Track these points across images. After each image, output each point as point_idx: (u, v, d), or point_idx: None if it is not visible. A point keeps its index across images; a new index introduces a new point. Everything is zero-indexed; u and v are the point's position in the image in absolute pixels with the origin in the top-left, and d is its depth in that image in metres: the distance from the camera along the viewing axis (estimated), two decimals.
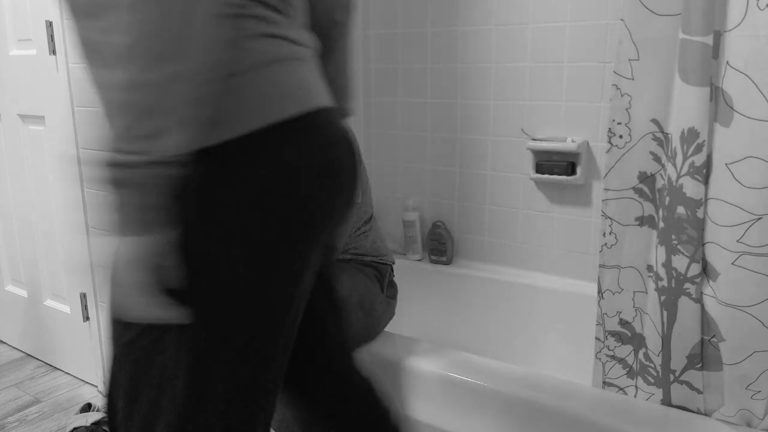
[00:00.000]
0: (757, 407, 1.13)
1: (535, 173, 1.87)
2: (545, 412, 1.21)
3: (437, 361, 1.37)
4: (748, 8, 1.00)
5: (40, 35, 1.73)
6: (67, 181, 1.81)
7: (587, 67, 1.76)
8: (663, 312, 1.19)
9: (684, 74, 1.09)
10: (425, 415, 1.37)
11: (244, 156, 0.71)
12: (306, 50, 0.80)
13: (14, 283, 2.16)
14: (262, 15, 0.73)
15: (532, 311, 1.93)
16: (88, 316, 1.88)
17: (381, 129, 2.21)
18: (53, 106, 1.78)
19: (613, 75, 1.19)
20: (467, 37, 1.95)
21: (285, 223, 0.74)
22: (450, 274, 2.08)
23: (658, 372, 1.22)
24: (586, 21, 1.74)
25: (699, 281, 1.13)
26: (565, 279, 1.92)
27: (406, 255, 2.19)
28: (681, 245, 1.13)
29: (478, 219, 2.06)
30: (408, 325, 2.13)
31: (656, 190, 1.20)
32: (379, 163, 2.24)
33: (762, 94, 1.00)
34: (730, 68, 1.04)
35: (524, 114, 1.90)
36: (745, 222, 1.04)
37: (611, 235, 1.25)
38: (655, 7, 1.12)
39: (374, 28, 2.14)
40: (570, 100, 1.81)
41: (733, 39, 1.03)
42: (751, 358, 1.09)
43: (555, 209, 1.90)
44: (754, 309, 1.06)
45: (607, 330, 1.30)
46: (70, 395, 1.91)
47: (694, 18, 1.05)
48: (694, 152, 1.09)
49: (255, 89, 0.72)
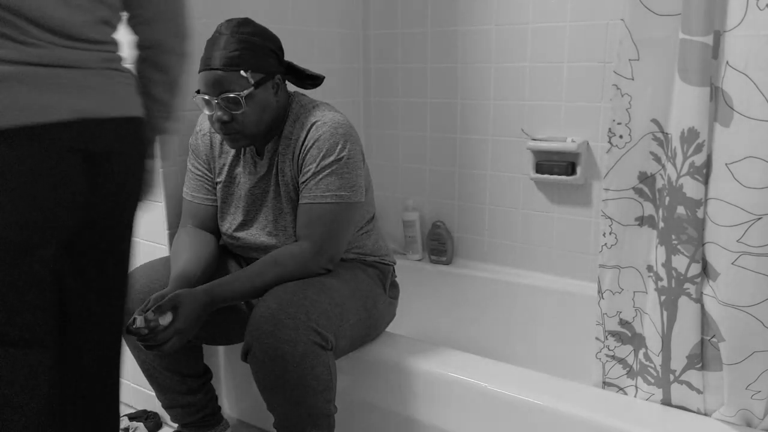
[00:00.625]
0: (757, 407, 1.13)
1: (535, 173, 1.87)
2: (545, 412, 1.21)
3: (437, 361, 1.37)
4: (748, 8, 1.00)
5: None
6: None
7: (587, 67, 1.76)
8: (663, 312, 1.19)
9: (684, 74, 1.09)
10: (425, 415, 1.37)
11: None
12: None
13: None
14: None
15: (532, 311, 1.93)
16: None
17: (381, 129, 2.21)
18: None
19: (613, 75, 1.19)
20: (467, 37, 1.95)
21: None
22: (450, 274, 2.08)
23: (658, 372, 1.22)
24: (586, 21, 1.74)
25: (699, 281, 1.13)
26: (565, 279, 1.92)
27: (406, 255, 2.19)
28: (681, 245, 1.13)
29: (478, 219, 2.06)
30: (408, 325, 2.13)
31: (656, 190, 1.20)
32: (379, 163, 2.24)
33: (762, 94, 1.00)
34: (730, 68, 1.04)
35: (524, 114, 1.90)
36: (745, 222, 1.04)
37: (611, 235, 1.25)
38: (655, 7, 1.12)
39: (374, 28, 2.14)
40: (570, 100, 1.81)
41: (733, 39, 1.03)
42: (751, 358, 1.09)
43: (555, 209, 1.90)
44: (754, 309, 1.06)
45: (607, 330, 1.30)
46: None
47: (694, 18, 1.05)
48: (694, 152, 1.09)
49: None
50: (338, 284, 1.30)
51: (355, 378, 1.46)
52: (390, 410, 1.42)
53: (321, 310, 1.21)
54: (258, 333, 1.17)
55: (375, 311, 1.40)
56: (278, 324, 1.16)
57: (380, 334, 1.49)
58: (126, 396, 1.84)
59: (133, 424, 1.66)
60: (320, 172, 1.29)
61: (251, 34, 1.28)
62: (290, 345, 1.15)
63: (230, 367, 1.65)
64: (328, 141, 1.28)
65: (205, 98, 1.27)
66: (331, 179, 1.29)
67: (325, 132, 1.29)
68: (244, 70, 1.24)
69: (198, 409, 1.48)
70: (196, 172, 1.46)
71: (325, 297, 1.24)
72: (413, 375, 1.37)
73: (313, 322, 1.18)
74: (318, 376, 1.19)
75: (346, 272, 1.36)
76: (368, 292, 1.38)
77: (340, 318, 1.25)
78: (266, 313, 1.18)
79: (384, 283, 1.46)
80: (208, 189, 1.46)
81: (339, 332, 1.25)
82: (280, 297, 1.20)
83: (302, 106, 1.35)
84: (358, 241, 1.43)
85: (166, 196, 1.56)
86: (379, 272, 1.46)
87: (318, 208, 1.29)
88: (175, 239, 1.44)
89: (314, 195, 1.29)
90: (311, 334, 1.17)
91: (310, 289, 1.23)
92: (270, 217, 1.38)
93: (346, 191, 1.30)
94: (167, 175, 1.55)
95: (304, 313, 1.18)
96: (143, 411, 1.74)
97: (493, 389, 1.27)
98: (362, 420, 1.47)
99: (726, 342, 1.10)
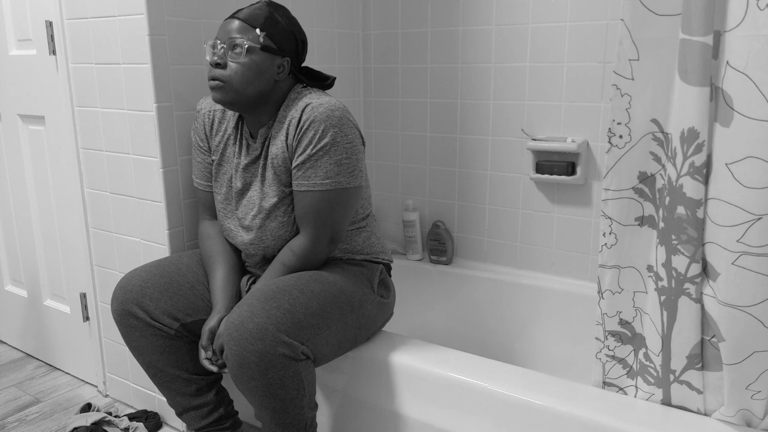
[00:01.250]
0: (757, 407, 1.13)
1: (535, 173, 1.87)
2: (545, 412, 1.21)
3: (437, 360, 1.37)
4: (748, 8, 1.00)
5: (40, 35, 1.73)
6: (67, 180, 1.81)
7: (587, 67, 1.76)
8: (663, 312, 1.19)
9: (684, 74, 1.09)
10: (425, 415, 1.37)
11: None
12: None
13: (14, 283, 2.16)
14: None
15: (532, 311, 1.93)
16: (87, 316, 1.88)
17: (381, 129, 2.21)
18: (53, 106, 1.78)
19: (613, 75, 1.19)
20: (467, 37, 1.95)
21: None
22: (450, 274, 2.08)
23: (658, 372, 1.22)
24: (586, 21, 1.74)
25: (699, 281, 1.13)
26: (565, 279, 1.92)
27: (406, 255, 2.19)
28: (681, 245, 1.13)
29: (478, 219, 2.06)
30: (407, 324, 2.13)
31: (656, 190, 1.20)
32: (379, 163, 2.24)
33: (762, 94, 1.00)
34: (730, 68, 1.04)
35: (524, 114, 1.90)
36: (745, 222, 1.04)
37: (611, 235, 1.25)
38: (655, 7, 1.12)
39: (374, 28, 2.14)
40: (570, 100, 1.81)
41: (733, 39, 1.03)
42: (751, 358, 1.09)
43: (555, 209, 1.90)
44: (754, 309, 1.06)
45: (607, 330, 1.30)
46: (70, 395, 1.91)
47: (694, 18, 1.05)
48: (694, 152, 1.09)
49: None
50: (320, 289, 1.28)
51: (352, 377, 1.46)
52: (388, 409, 1.42)
53: (294, 320, 1.20)
54: (227, 337, 1.18)
55: (363, 312, 1.38)
56: (245, 333, 1.16)
57: (375, 333, 1.49)
58: (126, 396, 1.84)
59: (133, 424, 1.66)
60: (315, 155, 1.28)
61: (284, 16, 1.34)
62: (256, 356, 1.15)
63: None
64: (324, 122, 1.27)
65: (212, 42, 1.31)
66: (328, 165, 1.28)
67: (320, 114, 1.28)
68: (260, 29, 1.29)
69: (211, 411, 1.45)
70: (197, 157, 1.49)
71: (300, 306, 1.22)
72: (412, 375, 1.37)
73: (283, 332, 1.17)
74: (286, 386, 1.19)
75: (330, 275, 1.34)
76: (353, 293, 1.36)
77: (317, 327, 1.24)
78: (236, 321, 1.17)
79: (371, 282, 1.44)
80: (210, 175, 1.48)
81: (316, 340, 1.24)
82: (252, 304, 1.20)
83: (299, 93, 1.36)
84: (348, 239, 1.43)
85: (166, 196, 1.56)
86: (366, 270, 1.44)
87: (312, 196, 1.30)
88: (203, 240, 1.48)
89: (311, 183, 1.29)
90: (279, 346, 1.16)
91: (285, 297, 1.22)
92: (255, 200, 1.39)
93: (344, 176, 1.29)
94: (167, 175, 1.56)
95: (273, 324, 1.17)
96: (143, 411, 1.74)
97: (492, 389, 1.27)
98: (359, 419, 1.47)
99: (726, 342, 1.10)
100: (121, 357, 1.81)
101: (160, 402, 1.74)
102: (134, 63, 1.52)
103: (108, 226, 1.72)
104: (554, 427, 1.20)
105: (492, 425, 1.28)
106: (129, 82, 1.54)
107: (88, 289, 1.83)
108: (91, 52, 1.61)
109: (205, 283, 1.44)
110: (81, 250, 1.82)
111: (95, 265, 1.80)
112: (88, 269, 1.81)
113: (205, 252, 1.47)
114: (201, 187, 1.50)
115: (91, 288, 1.82)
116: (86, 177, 1.74)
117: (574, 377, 1.77)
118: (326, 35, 2.03)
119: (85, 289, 1.85)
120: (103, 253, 1.76)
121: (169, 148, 1.55)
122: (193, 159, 1.51)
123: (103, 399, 1.89)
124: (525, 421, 1.23)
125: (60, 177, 1.84)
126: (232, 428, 1.48)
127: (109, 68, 1.58)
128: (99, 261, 1.78)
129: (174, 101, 1.54)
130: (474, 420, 1.30)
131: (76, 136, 1.72)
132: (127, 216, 1.66)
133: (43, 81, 1.78)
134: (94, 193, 1.74)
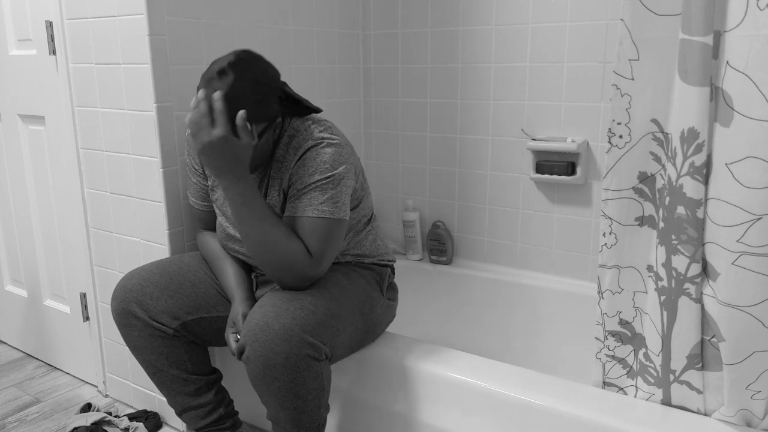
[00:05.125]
0: (757, 407, 1.13)
1: (535, 173, 1.87)
2: (545, 412, 1.21)
3: (437, 361, 1.37)
4: (748, 8, 1.00)
5: (40, 35, 1.73)
6: (67, 180, 1.81)
7: (587, 67, 1.76)
8: (663, 312, 1.19)
9: (684, 74, 1.09)
10: (425, 415, 1.37)
11: None
12: None
13: (14, 283, 2.16)
14: None
15: (532, 311, 1.93)
16: (88, 316, 1.88)
17: (381, 129, 2.21)
18: (53, 106, 1.78)
19: (613, 75, 1.19)
20: (467, 37, 1.95)
21: None
22: (450, 274, 2.08)
23: (658, 372, 1.22)
24: (586, 21, 1.74)
25: (699, 281, 1.13)
26: (565, 279, 1.92)
27: (406, 255, 2.19)
28: (681, 245, 1.13)
29: (478, 219, 2.06)
30: (408, 325, 2.13)
31: (656, 190, 1.20)
32: (379, 163, 2.24)
33: (762, 94, 1.00)
34: (730, 68, 1.04)
35: (524, 114, 1.90)
36: (745, 222, 1.04)
37: (611, 235, 1.25)
38: (655, 7, 1.12)
39: (374, 28, 2.14)
40: (570, 100, 1.81)
41: (733, 39, 1.03)
42: (751, 358, 1.09)
43: (555, 209, 1.90)
44: (754, 309, 1.06)
45: (607, 330, 1.30)
46: (70, 395, 1.90)
47: (694, 18, 1.05)
48: (694, 152, 1.09)
49: None
50: (337, 291, 1.29)
51: (355, 378, 1.46)
52: (390, 410, 1.42)
53: (317, 321, 1.20)
54: (251, 339, 1.17)
55: (372, 315, 1.39)
56: (271, 333, 1.15)
57: (379, 335, 1.49)
58: (126, 396, 1.84)
59: (133, 424, 1.66)
60: (306, 188, 1.27)
61: (253, 81, 1.21)
62: (282, 357, 1.15)
63: (230, 367, 1.65)
64: (322, 163, 1.26)
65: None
66: (315, 194, 1.26)
67: (317, 155, 1.27)
68: (248, 123, 1.21)
69: (210, 410, 1.45)
70: (192, 178, 1.48)
71: (321, 307, 1.22)
72: (413, 375, 1.37)
73: (308, 333, 1.17)
74: (309, 386, 1.19)
75: (343, 278, 1.35)
76: (365, 297, 1.37)
77: (336, 328, 1.25)
78: (261, 321, 1.17)
79: (381, 285, 1.45)
80: (205, 195, 1.48)
81: (335, 342, 1.25)
82: (276, 305, 1.19)
83: (295, 129, 1.33)
84: (356, 244, 1.43)
85: (166, 196, 1.56)
86: (376, 275, 1.45)
87: (298, 221, 1.27)
88: (205, 245, 1.49)
89: (295, 208, 1.27)
90: (304, 347, 1.16)
91: (307, 298, 1.22)
92: None
93: (328, 206, 1.27)
94: (167, 175, 1.56)
95: (299, 325, 1.17)
96: (143, 411, 1.74)
97: (493, 389, 1.27)
98: (362, 420, 1.47)
99: (726, 342, 1.10)
100: (121, 357, 1.81)
101: (160, 402, 1.74)
102: (134, 63, 1.52)
103: (108, 226, 1.72)
104: (554, 427, 1.20)
105: (492, 425, 1.28)
106: (129, 82, 1.54)
107: (88, 289, 1.83)
108: (91, 52, 1.61)
109: (207, 282, 1.44)
110: (81, 250, 1.82)
111: (95, 265, 1.80)
112: (88, 269, 1.81)
113: (210, 255, 1.47)
114: (197, 205, 1.50)
115: (91, 288, 1.82)
116: (86, 177, 1.74)
117: (574, 377, 1.77)
118: (326, 35, 2.03)
119: (85, 289, 1.85)
120: (103, 253, 1.76)
121: (169, 148, 1.55)
122: (189, 178, 1.50)
123: (103, 399, 1.89)
124: (525, 421, 1.23)
125: (60, 177, 1.84)
126: (233, 428, 1.48)
127: (109, 68, 1.58)
128: (99, 261, 1.78)
129: (174, 101, 1.54)
130: (474, 420, 1.30)
131: (76, 136, 1.72)
132: (127, 216, 1.66)
133: (43, 81, 1.78)
134: (94, 193, 1.74)
